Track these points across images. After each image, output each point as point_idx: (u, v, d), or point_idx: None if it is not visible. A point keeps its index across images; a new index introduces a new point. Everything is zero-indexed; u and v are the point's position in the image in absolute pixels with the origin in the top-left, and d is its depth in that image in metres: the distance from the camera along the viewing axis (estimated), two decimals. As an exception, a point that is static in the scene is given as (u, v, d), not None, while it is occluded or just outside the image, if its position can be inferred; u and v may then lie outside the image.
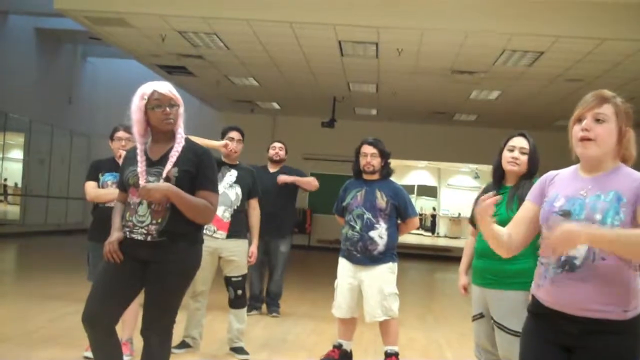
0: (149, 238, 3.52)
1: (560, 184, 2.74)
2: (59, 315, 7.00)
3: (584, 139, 2.61)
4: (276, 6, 10.08)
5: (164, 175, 3.50)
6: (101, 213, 5.26)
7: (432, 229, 31.21)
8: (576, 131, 2.64)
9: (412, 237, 25.22)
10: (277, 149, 7.98)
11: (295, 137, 19.73)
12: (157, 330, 3.61)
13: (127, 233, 3.57)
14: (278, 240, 7.56)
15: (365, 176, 5.67)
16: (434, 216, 31.58)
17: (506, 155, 4.12)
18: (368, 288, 5.50)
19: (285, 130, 19.99)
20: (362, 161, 5.61)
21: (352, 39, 11.09)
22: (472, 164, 26.67)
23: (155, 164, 3.59)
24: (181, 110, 3.65)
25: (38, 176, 18.34)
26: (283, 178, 7.64)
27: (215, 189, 3.72)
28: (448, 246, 22.26)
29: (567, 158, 2.76)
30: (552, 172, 2.85)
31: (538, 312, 2.67)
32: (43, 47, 18.06)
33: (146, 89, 3.60)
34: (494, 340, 4.08)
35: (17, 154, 19.03)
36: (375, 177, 5.64)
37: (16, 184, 19.03)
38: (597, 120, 2.60)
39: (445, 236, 30.07)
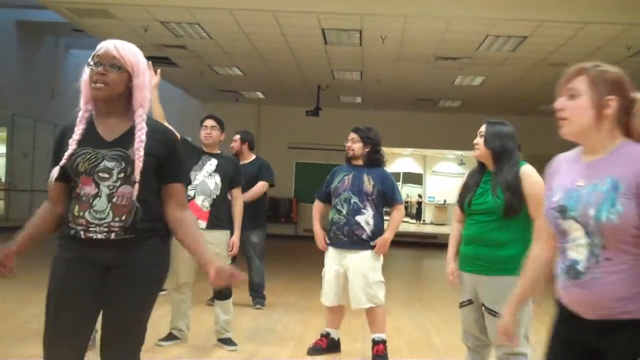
0: (112, 236, 2.77)
1: (562, 172, 2.47)
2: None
3: (559, 119, 2.40)
4: (259, -5, 10.05)
5: (138, 172, 2.77)
6: None
7: (417, 216, 31.28)
8: None
9: (398, 224, 25.21)
10: (235, 149, 7.68)
11: (280, 126, 19.79)
12: (125, 356, 2.85)
13: (81, 233, 2.78)
14: (249, 231, 7.32)
15: (352, 162, 5.72)
16: (419, 203, 31.65)
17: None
18: (353, 275, 5.50)
19: (269, 120, 19.99)
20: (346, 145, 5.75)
21: (335, 26, 11.06)
22: (457, 151, 26.71)
23: (111, 145, 2.82)
24: (139, 80, 2.87)
25: (22, 170, 18.20)
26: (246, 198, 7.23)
27: (185, 179, 3.16)
28: (434, 233, 22.32)
29: (551, 142, 2.72)
30: (557, 158, 2.57)
31: (561, 312, 2.46)
32: (25, 40, 17.89)
33: (98, 46, 2.89)
34: (482, 326, 4.08)
35: (0, 148, 18.89)
36: (359, 162, 5.68)
37: (0, 179, 18.88)
38: (571, 96, 2.38)
39: (431, 223, 30.16)
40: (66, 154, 2.80)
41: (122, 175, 2.77)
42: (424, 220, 31.03)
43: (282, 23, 10.94)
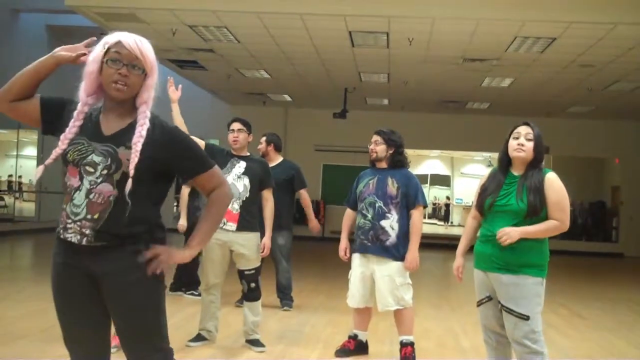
0: (84, 241, 2.61)
1: None
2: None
3: None
4: (286, -2, 10.09)
5: (131, 171, 2.59)
6: None
7: (445, 218, 31.13)
8: None
9: (425, 226, 25.10)
10: (261, 151, 7.70)
11: (307, 128, 19.83)
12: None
13: (61, 231, 2.67)
14: (276, 233, 7.27)
15: (377, 164, 5.72)
16: (447, 205, 31.49)
17: (512, 143, 4.13)
18: (379, 277, 5.49)
19: (297, 122, 20.02)
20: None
21: (362, 29, 11.05)
22: (485, 152, 26.50)
23: (106, 140, 2.67)
24: (151, 81, 2.73)
25: (52, 173, 18.34)
26: None
27: (212, 162, 2.84)
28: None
29: (580, 144, 2.71)
30: None
31: None
32: (55, 44, 17.79)
33: (112, 37, 2.74)
34: (503, 322, 4.11)
35: (31, 151, 19.14)
36: (383, 165, 5.68)
37: (31, 181, 19.11)
38: None
39: (459, 225, 29.94)
40: (55, 153, 2.72)
41: (105, 172, 2.61)
42: (451, 222, 30.86)
43: (309, 26, 10.96)
